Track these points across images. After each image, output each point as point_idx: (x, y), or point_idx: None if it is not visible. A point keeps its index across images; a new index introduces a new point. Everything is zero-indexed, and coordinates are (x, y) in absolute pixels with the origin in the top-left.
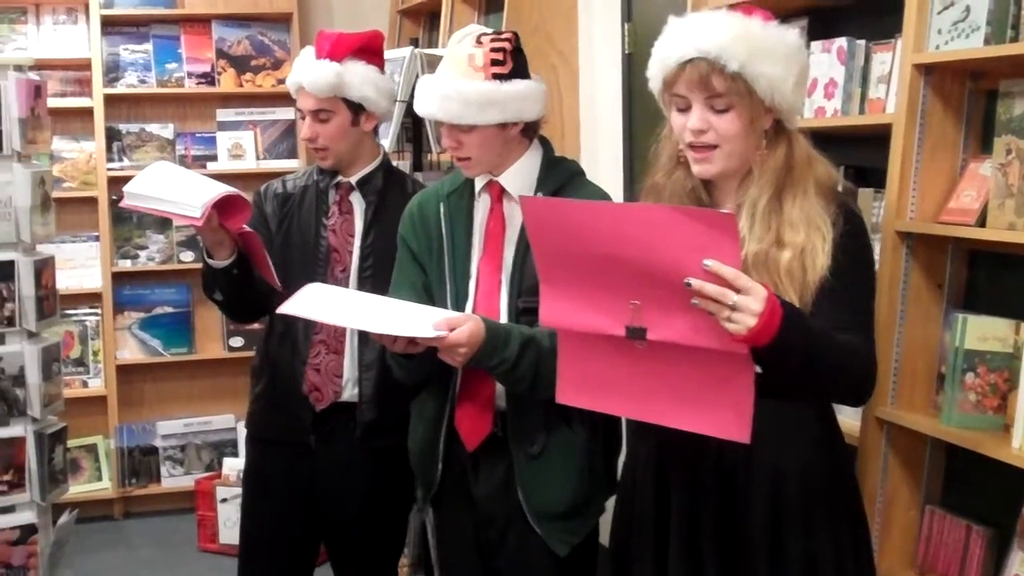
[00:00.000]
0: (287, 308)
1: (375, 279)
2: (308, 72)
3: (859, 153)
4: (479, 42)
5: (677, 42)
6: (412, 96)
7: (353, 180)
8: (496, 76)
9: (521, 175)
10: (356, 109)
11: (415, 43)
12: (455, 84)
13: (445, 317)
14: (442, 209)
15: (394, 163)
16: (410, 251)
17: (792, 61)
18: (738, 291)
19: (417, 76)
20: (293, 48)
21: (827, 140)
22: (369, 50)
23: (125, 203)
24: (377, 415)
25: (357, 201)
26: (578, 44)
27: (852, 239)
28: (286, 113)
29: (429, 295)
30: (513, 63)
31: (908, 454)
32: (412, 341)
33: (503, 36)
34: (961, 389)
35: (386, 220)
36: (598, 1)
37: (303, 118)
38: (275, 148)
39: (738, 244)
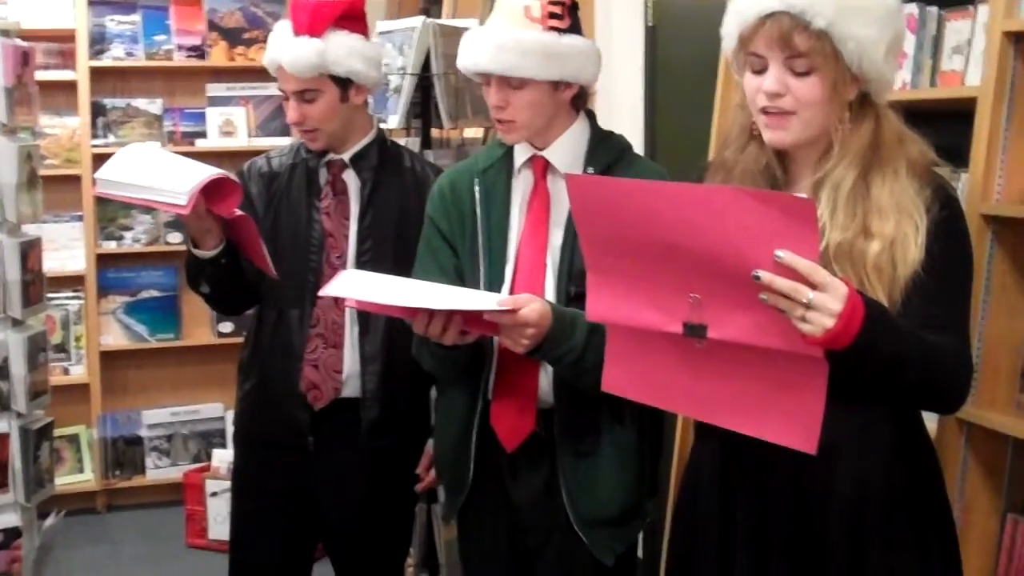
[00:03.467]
0: (330, 290)
1: (375, 264)
2: (287, 51)
3: (929, 128)
4: None
5: None
6: (423, 69)
7: (346, 157)
8: (554, 29)
9: (569, 148)
10: (344, 84)
11: (427, 12)
12: (512, 33)
13: (509, 296)
14: (477, 186)
15: (403, 140)
16: (439, 231)
17: (887, 24)
18: (814, 287)
19: (429, 48)
20: None
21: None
22: (351, 16)
23: (98, 191)
24: (381, 411)
25: (351, 180)
26: (594, 14)
27: (948, 226)
28: None
29: (461, 280)
30: (571, 19)
31: (988, 457)
32: (464, 331)
33: None
34: None
35: (384, 199)
36: None
37: (286, 99)
38: (268, 125)
39: (816, 234)
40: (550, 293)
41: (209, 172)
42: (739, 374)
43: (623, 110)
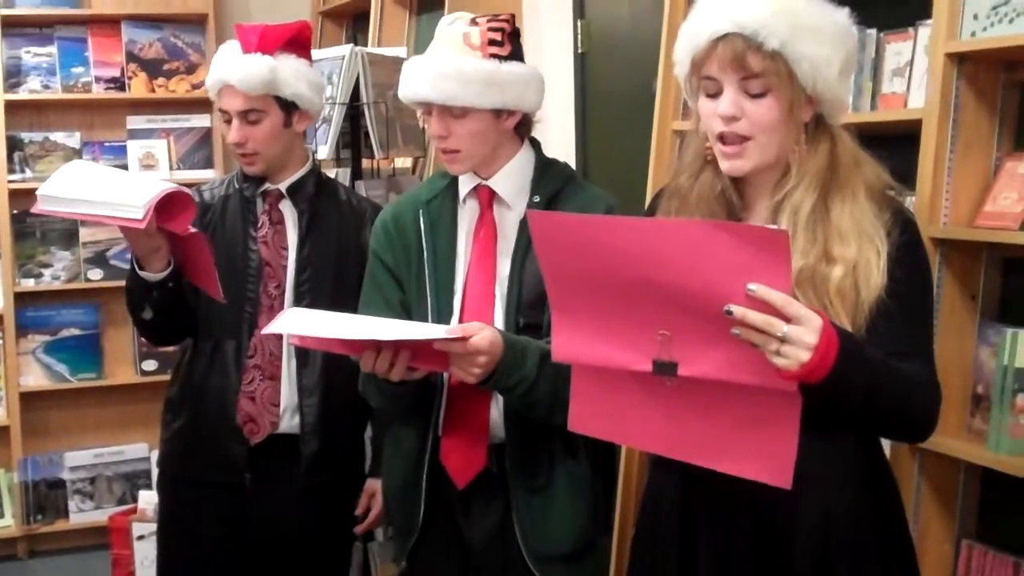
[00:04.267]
0: (274, 327)
1: (313, 293)
2: (237, 68)
3: (872, 152)
4: (475, 23)
5: (710, 16)
6: (352, 98)
7: (283, 187)
8: (494, 56)
9: (514, 177)
10: (288, 108)
11: (355, 41)
12: (452, 62)
13: (458, 325)
14: (421, 218)
15: (332, 171)
16: (384, 265)
17: (839, 43)
18: (788, 320)
19: (358, 76)
20: (208, 51)
21: None
22: (299, 43)
23: (40, 208)
24: (320, 446)
25: (288, 210)
26: (524, 41)
27: (910, 251)
28: (201, 120)
29: (408, 314)
30: (511, 46)
31: (941, 483)
32: (412, 367)
33: (500, 17)
34: (1011, 412)
35: (321, 229)
36: None
37: (228, 120)
38: (190, 158)
39: (789, 266)
40: (499, 324)
41: (164, 185)
42: (711, 411)
43: (554, 137)
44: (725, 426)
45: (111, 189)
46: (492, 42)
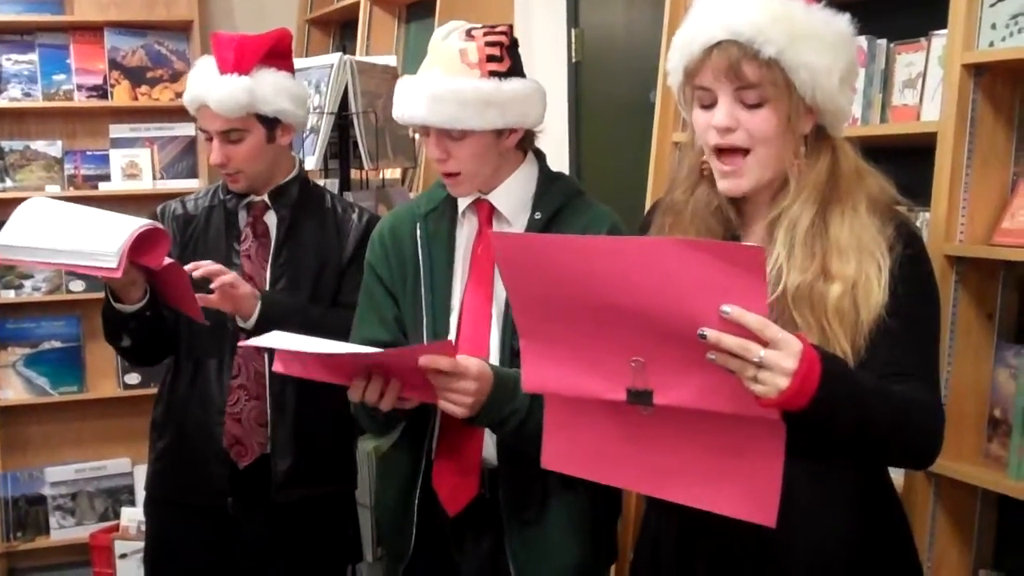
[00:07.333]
0: (256, 342)
1: None
2: (213, 90)
3: (881, 165)
4: (470, 36)
5: (703, 24)
6: (341, 108)
7: (266, 195)
8: (493, 74)
9: (515, 192)
10: (271, 124)
11: (343, 49)
12: (448, 83)
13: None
14: (418, 231)
15: (320, 183)
16: (379, 279)
17: (839, 51)
18: (765, 344)
19: (347, 86)
20: (193, 58)
21: None
22: (278, 54)
23: (2, 258)
24: (294, 463)
25: (272, 222)
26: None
27: (913, 266)
28: (185, 129)
29: (403, 331)
30: (511, 60)
31: (956, 510)
32: (402, 397)
33: (497, 29)
34: None
35: (300, 237)
36: (539, 5)
37: (209, 139)
38: (174, 167)
39: (765, 286)
40: (494, 347)
41: (134, 225)
42: (689, 442)
43: (547, 149)
44: (705, 459)
45: (79, 234)
46: (491, 58)
